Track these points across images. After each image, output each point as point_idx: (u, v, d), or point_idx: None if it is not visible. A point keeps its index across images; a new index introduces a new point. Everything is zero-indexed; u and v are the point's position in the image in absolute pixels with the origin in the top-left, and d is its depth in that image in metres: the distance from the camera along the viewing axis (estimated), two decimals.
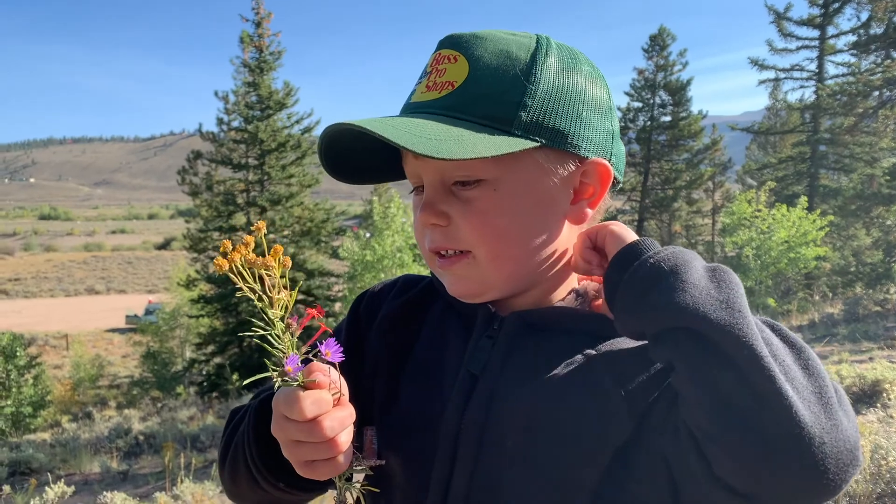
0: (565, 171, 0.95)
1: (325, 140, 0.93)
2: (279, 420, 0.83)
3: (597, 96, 0.96)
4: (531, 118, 0.90)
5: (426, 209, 0.94)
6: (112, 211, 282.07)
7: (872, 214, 20.96)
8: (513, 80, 0.90)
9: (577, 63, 0.95)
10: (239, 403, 10.61)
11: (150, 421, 14.86)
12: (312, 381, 0.81)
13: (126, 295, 67.15)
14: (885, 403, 6.93)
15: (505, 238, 0.93)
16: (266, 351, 0.81)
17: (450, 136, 0.86)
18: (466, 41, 0.94)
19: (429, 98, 0.93)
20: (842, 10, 26.13)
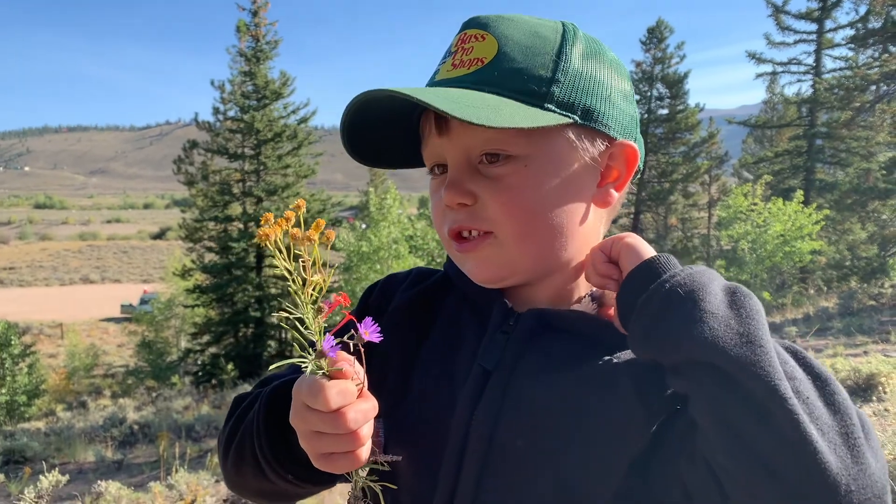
0: (595, 150, 0.93)
1: (351, 109, 0.90)
2: (300, 410, 0.80)
3: (621, 84, 0.96)
4: (564, 94, 0.89)
5: (452, 188, 0.91)
6: (107, 200, 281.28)
7: (868, 209, 20.99)
8: (545, 56, 0.90)
9: (603, 51, 0.96)
10: (234, 393, 10.58)
11: (145, 410, 14.86)
12: (338, 369, 0.78)
13: (121, 284, 67.05)
14: (881, 397, 6.95)
15: (533, 216, 0.91)
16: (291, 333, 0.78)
17: (486, 104, 0.84)
18: (493, 21, 0.93)
19: (457, 74, 0.91)
20: (840, 4, 26.11)
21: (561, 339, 0.93)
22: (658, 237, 28.67)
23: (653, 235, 28.91)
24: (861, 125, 23.20)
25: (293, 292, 0.77)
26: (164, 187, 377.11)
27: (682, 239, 28.76)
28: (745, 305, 0.77)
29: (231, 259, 23.97)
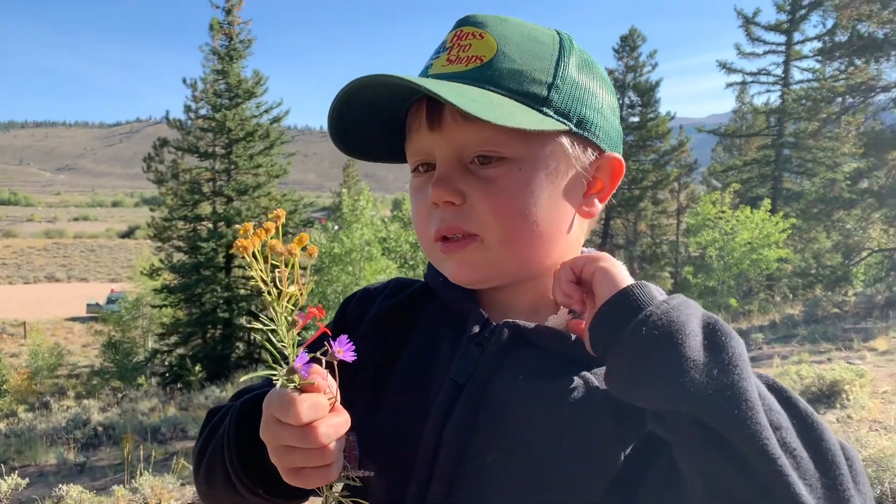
0: (586, 160, 0.93)
1: (343, 95, 0.87)
2: (270, 423, 0.77)
3: (611, 99, 0.97)
4: (562, 101, 0.89)
5: (441, 185, 0.88)
6: (75, 197, 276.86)
7: (833, 218, 21.34)
8: (544, 61, 0.89)
9: (594, 63, 0.96)
10: (202, 395, 10.45)
11: (110, 412, 14.63)
12: (310, 383, 0.75)
13: (88, 283, 66.00)
14: (844, 404, 7.07)
15: (522, 221, 0.89)
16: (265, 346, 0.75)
17: (491, 101, 0.83)
18: (491, 21, 0.92)
19: (454, 70, 0.89)
20: (808, 17, 26.62)
21: (536, 352, 0.91)
22: (627, 243, 28.93)
23: (622, 241, 29.17)
24: (827, 136, 23.63)
25: (268, 304, 0.75)
26: (133, 185, 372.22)
27: (651, 245, 29.06)
28: (726, 349, 0.74)
29: (200, 259, 23.73)
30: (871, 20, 18.97)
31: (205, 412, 8.27)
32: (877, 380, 8.13)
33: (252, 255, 0.73)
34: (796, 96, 24.10)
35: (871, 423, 6.46)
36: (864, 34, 19.52)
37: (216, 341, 24.06)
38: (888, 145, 19.17)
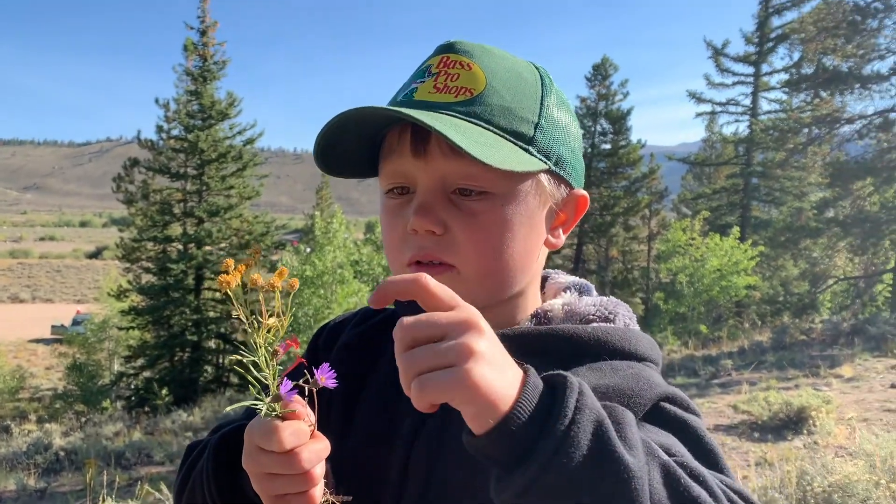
0: (559, 196, 0.96)
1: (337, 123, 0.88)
2: (253, 452, 0.78)
3: (579, 134, 1.00)
4: (545, 141, 0.91)
5: (423, 214, 0.88)
6: (42, 217, 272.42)
7: (800, 246, 21.75)
8: (530, 99, 0.91)
9: (566, 100, 0.99)
10: (169, 419, 10.29)
11: (73, 436, 14.30)
12: (291, 410, 0.76)
13: (53, 304, 64.76)
14: (811, 430, 7.15)
15: (500, 256, 0.90)
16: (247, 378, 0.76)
17: (487, 141, 0.84)
18: (478, 52, 0.92)
19: (443, 99, 0.89)
20: (775, 50, 27.28)
21: None
22: (599, 268, 29.12)
23: (594, 266, 29.36)
24: (794, 166, 24.12)
25: (249, 335, 0.76)
26: (102, 205, 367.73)
27: (622, 271, 29.29)
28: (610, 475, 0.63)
29: (169, 281, 23.43)
30: (836, 54, 19.50)
31: (171, 436, 8.14)
32: (843, 406, 8.24)
33: (234, 292, 0.74)
34: (764, 126, 24.60)
35: (837, 448, 6.54)
36: (829, 67, 20.06)
37: (184, 364, 23.70)
38: (853, 176, 19.63)
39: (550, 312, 1.00)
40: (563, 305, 1.01)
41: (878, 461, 5.07)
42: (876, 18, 19.05)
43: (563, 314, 1.00)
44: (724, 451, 5.71)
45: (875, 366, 10.91)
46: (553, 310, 1.00)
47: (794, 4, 25.74)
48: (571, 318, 0.99)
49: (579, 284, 1.08)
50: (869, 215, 19.45)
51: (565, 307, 1.01)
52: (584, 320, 0.98)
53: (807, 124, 20.96)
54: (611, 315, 1.00)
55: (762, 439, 7.34)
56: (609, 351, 0.93)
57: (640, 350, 0.96)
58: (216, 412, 15.16)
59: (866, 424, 7.47)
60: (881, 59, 19.59)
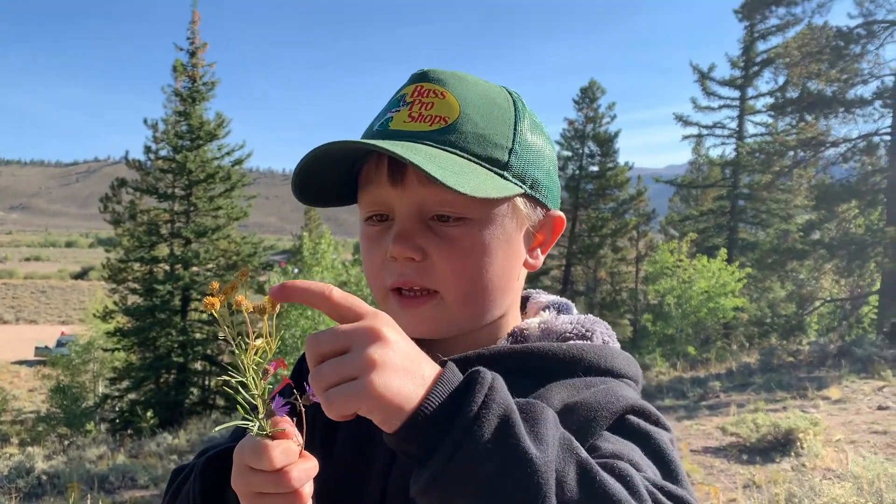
0: (536, 218, 0.98)
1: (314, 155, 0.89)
2: (243, 472, 0.78)
3: (553, 156, 1.02)
4: (519, 165, 0.93)
5: (402, 241, 0.89)
6: (27, 237, 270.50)
7: (787, 268, 21.88)
8: (503, 125, 0.93)
9: (540, 122, 1.01)
10: (153, 442, 10.18)
11: (56, 459, 14.10)
12: (281, 430, 0.77)
13: (37, 325, 64.17)
14: (798, 452, 7.14)
15: (480, 280, 0.92)
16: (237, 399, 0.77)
17: (462, 169, 0.86)
18: (451, 80, 0.95)
19: (418, 129, 0.91)
20: (761, 74, 27.63)
21: None
22: (588, 290, 29.17)
23: (582, 288, 29.41)
24: (780, 188, 24.34)
25: (237, 356, 0.77)
26: (88, 226, 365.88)
27: (610, 292, 29.34)
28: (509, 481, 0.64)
29: (155, 302, 23.26)
30: (820, 78, 19.76)
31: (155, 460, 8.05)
32: (830, 428, 8.26)
33: (220, 313, 0.75)
34: (750, 149, 24.85)
35: (825, 471, 6.53)
36: (813, 91, 20.32)
37: (170, 386, 23.46)
38: (838, 198, 19.82)
39: (527, 331, 1.02)
40: (539, 324, 1.03)
41: (866, 483, 5.07)
42: (858, 44, 19.35)
43: (540, 332, 1.01)
44: (712, 473, 5.67)
45: (862, 387, 10.95)
46: (529, 328, 1.02)
47: (779, 30, 26.11)
48: (548, 336, 1.01)
49: (559, 303, 1.10)
50: (854, 238, 19.62)
51: (541, 325, 1.02)
52: (560, 338, 1.00)
53: (792, 147, 21.19)
54: (588, 332, 1.01)
55: (750, 461, 7.32)
56: (584, 367, 0.94)
57: (616, 366, 0.97)
58: (202, 435, 15.00)
59: (854, 447, 7.48)
60: (864, 83, 19.89)
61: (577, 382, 0.92)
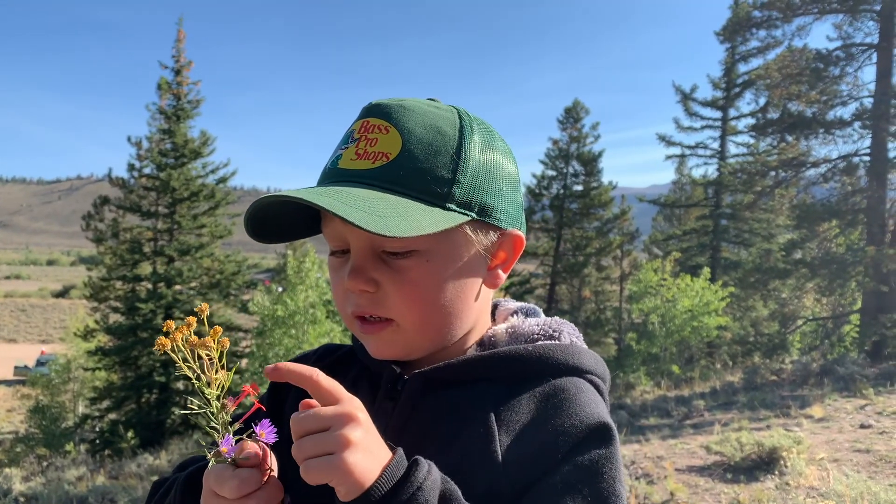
0: (488, 241, 1.00)
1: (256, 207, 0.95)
2: (209, 496, 0.83)
3: (511, 171, 1.03)
4: (463, 193, 0.96)
5: (356, 276, 0.95)
6: (8, 255, 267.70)
7: (769, 287, 22.00)
8: (446, 156, 0.95)
9: (494, 139, 1.02)
10: (134, 463, 10.06)
11: (34, 481, 13.88)
12: (245, 459, 0.82)
13: (17, 344, 63.37)
14: (782, 470, 7.16)
15: (433, 307, 0.97)
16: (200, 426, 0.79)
17: (395, 211, 0.89)
18: (395, 112, 0.97)
19: (362, 167, 0.95)
20: (742, 95, 27.97)
21: (448, 395, 0.98)
22: (572, 308, 29.21)
23: (567, 306, 29.45)
24: (762, 208, 24.56)
25: (198, 389, 0.82)
26: (70, 244, 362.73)
27: (595, 311, 29.40)
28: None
29: (137, 320, 23.03)
30: (800, 100, 20.01)
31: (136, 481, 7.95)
32: (814, 447, 8.28)
33: (172, 350, 0.80)
34: (732, 169, 25.07)
35: (809, 489, 6.55)
36: (794, 112, 20.57)
37: (151, 406, 23.20)
38: (818, 218, 20.01)
39: (494, 337, 1.06)
40: (506, 329, 1.07)
41: (849, 501, 5.08)
42: (838, 66, 19.64)
43: (508, 337, 1.06)
44: (697, 492, 5.68)
45: (845, 406, 11.00)
46: (497, 334, 1.06)
47: (760, 52, 26.42)
48: (516, 340, 1.05)
49: (526, 308, 1.14)
50: (835, 257, 19.79)
51: (509, 330, 1.07)
52: (528, 340, 1.04)
53: (773, 167, 21.40)
54: (555, 333, 1.05)
55: (735, 480, 7.33)
56: (552, 367, 0.99)
57: (584, 363, 1.01)
58: (183, 455, 14.82)
59: (837, 465, 7.51)
60: (843, 105, 20.14)
61: (546, 391, 0.96)
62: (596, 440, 0.92)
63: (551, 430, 0.92)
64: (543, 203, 29.83)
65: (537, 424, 0.93)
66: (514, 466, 0.90)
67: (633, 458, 8.64)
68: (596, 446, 0.92)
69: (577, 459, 0.90)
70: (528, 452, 0.91)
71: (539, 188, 29.90)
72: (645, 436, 10.11)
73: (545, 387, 0.96)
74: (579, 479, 0.89)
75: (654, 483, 7.36)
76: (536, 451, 0.91)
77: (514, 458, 0.91)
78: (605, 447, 0.92)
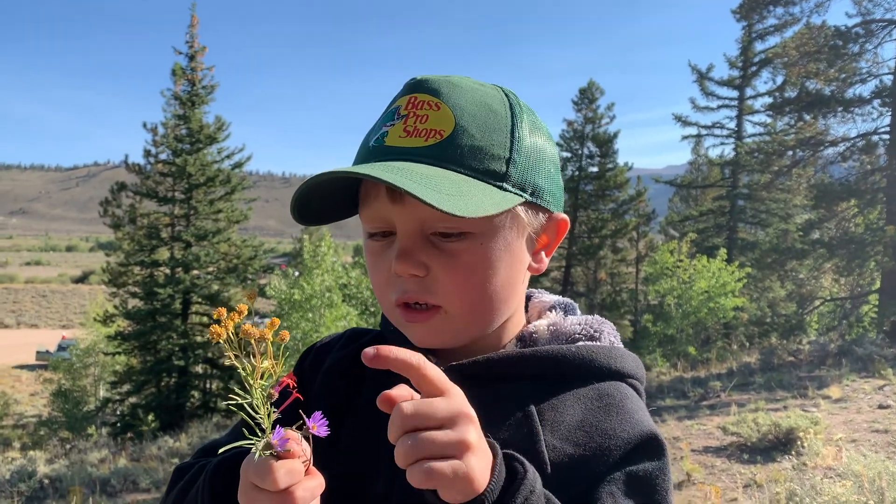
0: (538, 224, 0.97)
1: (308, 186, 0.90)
2: (248, 490, 0.80)
3: (554, 153, 1.00)
4: (519, 174, 0.92)
5: (405, 259, 0.90)
6: (28, 241, 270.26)
7: (787, 268, 21.86)
8: (501, 134, 0.92)
9: (538, 120, 0.99)
10: (154, 445, 10.18)
11: (58, 463, 14.11)
12: (287, 450, 0.79)
13: (38, 330, 64.16)
14: (799, 451, 7.15)
15: (484, 293, 0.93)
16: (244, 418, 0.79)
17: (459, 190, 0.85)
18: (445, 87, 0.93)
19: (414, 144, 0.90)
20: (759, 74, 27.64)
21: (484, 391, 0.93)
22: (588, 291, 29.16)
23: (583, 289, 29.40)
24: (779, 188, 24.34)
25: (244, 378, 0.79)
26: (88, 230, 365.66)
27: (610, 293, 29.33)
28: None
29: (156, 305, 23.26)
30: (818, 78, 19.76)
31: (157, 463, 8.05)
32: (831, 427, 8.27)
33: (226, 340, 0.77)
34: (749, 149, 24.84)
35: (826, 469, 6.54)
36: (811, 91, 20.32)
37: (171, 390, 23.47)
38: (837, 197, 19.81)
39: (536, 334, 1.03)
40: (548, 326, 1.03)
41: (867, 482, 5.08)
42: (857, 43, 19.36)
43: (549, 335, 1.02)
44: (713, 472, 5.67)
45: (862, 386, 10.96)
46: (538, 331, 1.03)
47: (777, 29, 26.11)
48: (557, 339, 1.01)
49: (564, 304, 1.10)
50: (854, 237, 19.62)
51: (551, 328, 1.03)
52: (569, 339, 1.01)
53: (791, 147, 21.18)
54: (596, 333, 1.02)
55: (751, 461, 7.33)
56: (596, 370, 0.96)
57: (626, 368, 0.99)
58: (203, 438, 15.00)
59: (854, 445, 7.49)
60: (863, 82, 19.88)
61: (590, 394, 0.94)
62: (649, 452, 0.91)
63: (601, 436, 0.90)
64: None
65: (585, 428, 0.91)
66: (561, 468, 0.88)
67: None
68: (649, 458, 0.90)
69: (630, 470, 0.89)
70: (576, 455, 0.89)
71: None
72: (661, 417, 10.12)
73: (589, 390, 0.95)
74: (633, 490, 0.87)
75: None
76: (587, 456, 0.89)
77: (562, 459, 0.89)
78: (657, 459, 0.91)
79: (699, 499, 6.27)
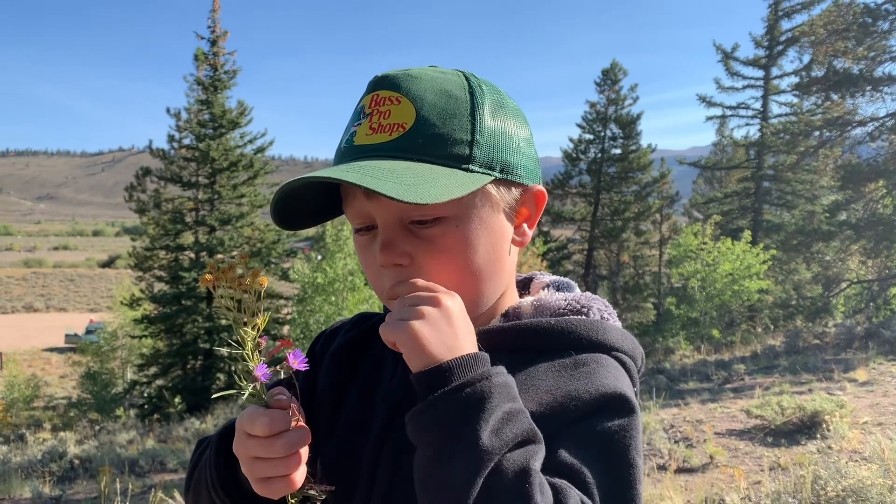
0: (511, 198, 0.99)
1: (282, 193, 0.93)
2: (241, 437, 0.87)
3: (524, 127, 1.02)
4: (483, 154, 0.94)
5: (387, 250, 0.94)
6: (55, 226, 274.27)
7: (813, 250, 21.60)
8: (461, 118, 0.94)
9: (503, 98, 1.01)
10: (181, 427, 10.34)
11: (87, 444, 14.38)
12: (276, 400, 0.87)
13: (66, 313, 65.26)
14: (824, 434, 7.10)
15: (468, 273, 0.96)
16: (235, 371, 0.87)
17: (422, 178, 0.88)
18: (403, 81, 0.96)
19: (379, 141, 0.93)
20: (785, 53, 27.17)
21: None
22: (611, 273, 29.06)
23: (605, 272, 29.30)
24: (805, 169, 23.99)
25: (235, 328, 0.87)
26: (114, 214, 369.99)
27: (633, 276, 29.20)
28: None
29: (181, 289, 23.52)
30: (846, 56, 19.39)
31: (184, 444, 8.23)
32: (857, 410, 8.19)
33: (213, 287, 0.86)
34: (775, 130, 24.50)
35: (851, 453, 6.49)
36: (839, 70, 19.94)
37: (196, 372, 23.78)
38: (864, 178, 19.50)
39: (519, 309, 1.05)
40: (532, 302, 1.06)
41: (892, 465, 5.04)
42: (887, 20, 18.95)
43: (533, 310, 1.04)
44: (737, 455, 5.64)
45: (890, 369, 10.83)
46: (522, 306, 1.05)
47: (804, 7, 25.65)
48: (541, 313, 1.04)
49: (559, 282, 1.13)
50: (882, 218, 19.32)
51: (535, 303, 1.05)
52: (554, 314, 1.03)
53: (818, 127, 20.86)
54: (583, 308, 1.04)
55: (775, 444, 7.30)
56: (574, 341, 0.97)
57: (609, 340, 0.99)
58: (228, 419, 15.18)
59: (881, 429, 7.42)
60: (893, 60, 19.46)
61: (566, 363, 0.95)
62: (614, 409, 0.90)
63: (565, 397, 0.90)
64: (581, 167, 29.51)
65: (552, 392, 0.91)
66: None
67: (672, 421, 8.64)
68: (613, 416, 0.89)
69: (591, 424, 0.88)
70: (537, 413, 0.87)
71: (576, 152, 29.57)
72: (684, 400, 10.09)
73: (566, 359, 0.96)
74: (590, 443, 0.87)
75: (693, 446, 7.36)
76: (547, 415, 0.89)
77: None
78: (621, 418, 0.90)
79: (722, 481, 6.26)
